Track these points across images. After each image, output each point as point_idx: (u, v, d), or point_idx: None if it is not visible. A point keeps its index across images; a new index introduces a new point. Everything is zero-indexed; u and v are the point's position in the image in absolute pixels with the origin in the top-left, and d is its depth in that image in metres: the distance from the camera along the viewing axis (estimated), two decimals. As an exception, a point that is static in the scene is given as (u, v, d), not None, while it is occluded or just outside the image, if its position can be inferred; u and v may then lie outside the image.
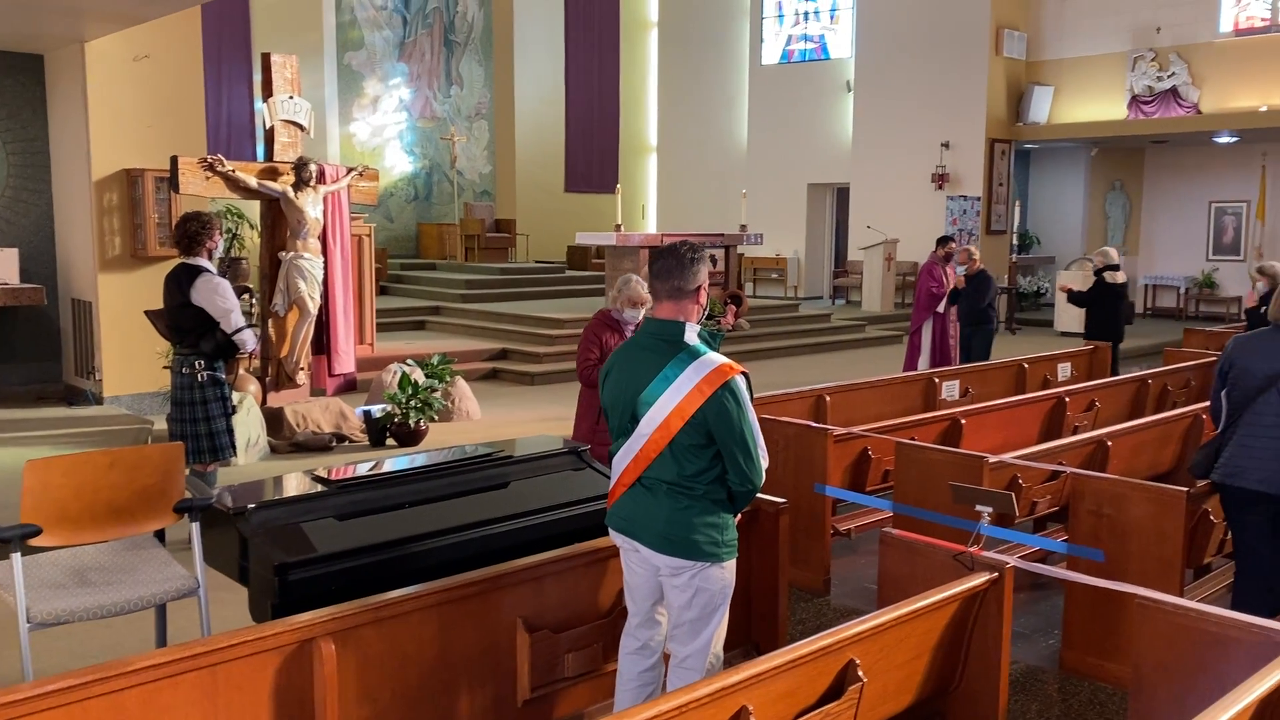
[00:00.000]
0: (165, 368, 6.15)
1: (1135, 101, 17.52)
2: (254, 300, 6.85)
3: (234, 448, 6.19)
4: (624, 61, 22.80)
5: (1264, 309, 8.71)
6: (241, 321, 5.91)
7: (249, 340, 5.98)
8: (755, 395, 3.42)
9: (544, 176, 21.16)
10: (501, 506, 4.18)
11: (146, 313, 7.68)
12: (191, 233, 5.85)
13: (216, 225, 5.96)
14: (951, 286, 10.42)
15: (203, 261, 5.87)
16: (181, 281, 5.83)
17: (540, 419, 9.60)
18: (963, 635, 3.54)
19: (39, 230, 10.28)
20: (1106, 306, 10.43)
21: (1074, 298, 11.00)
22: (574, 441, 4.92)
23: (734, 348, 13.16)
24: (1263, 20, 16.72)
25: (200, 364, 5.89)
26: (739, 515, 3.42)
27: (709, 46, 22.76)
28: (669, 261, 3.30)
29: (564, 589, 3.63)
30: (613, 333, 5.76)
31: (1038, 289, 19.83)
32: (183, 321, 5.88)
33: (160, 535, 4.26)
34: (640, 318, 5.47)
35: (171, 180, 7.95)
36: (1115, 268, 10.50)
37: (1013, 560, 3.62)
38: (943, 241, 10.57)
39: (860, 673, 3.03)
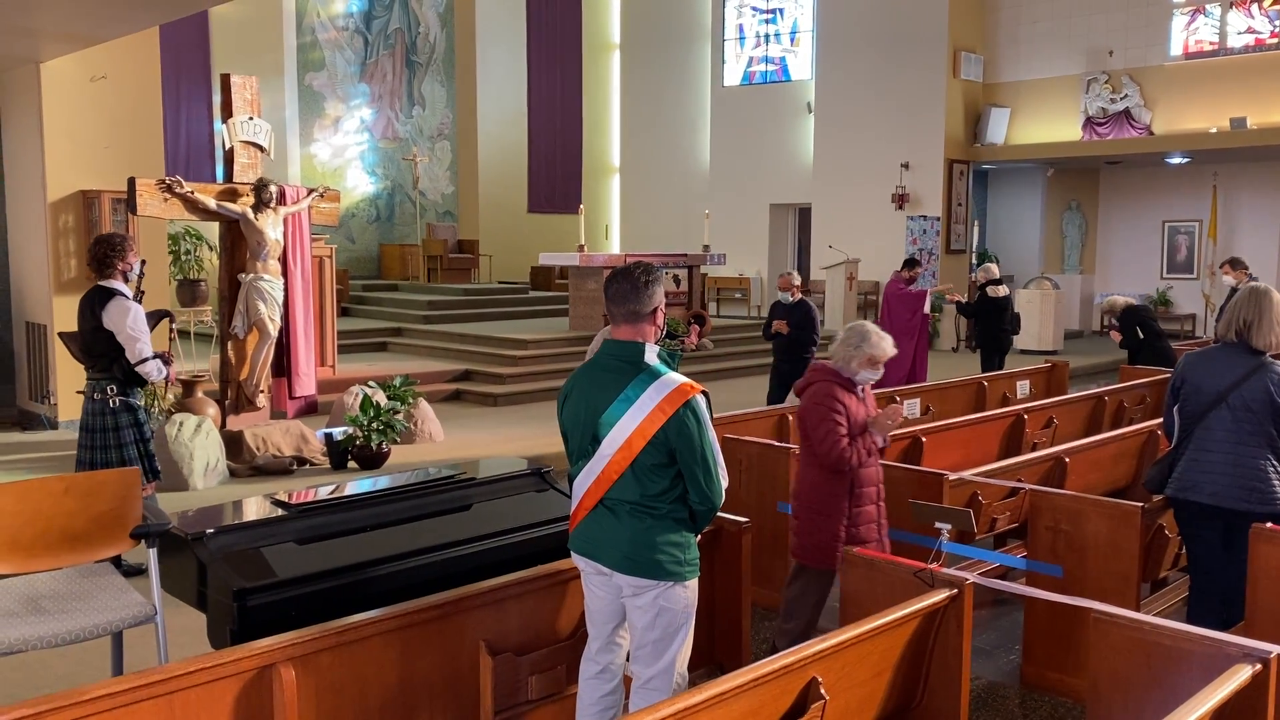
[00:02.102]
0: (79, 392, 5.98)
1: (1090, 123, 17.85)
2: (173, 325, 6.74)
3: (153, 473, 5.96)
4: (586, 82, 22.90)
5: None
6: (148, 351, 5.71)
7: (153, 372, 5.75)
8: (719, 415, 3.45)
9: (507, 197, 21.16)
10: (464, 529, 4.16)
11: (60, 334, 7.53)
12: (100, 255, 5.70)
13: (129, 246, 5.79)
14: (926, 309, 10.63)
15: (117, 284, 5.72)
16: (94, 304, 5.67)
17: (504, 440, 9.57)
18: (924, 652, 3.57)
19: (-8, 252, 10.13)
20: (990, 319, 11.19)
21: (961, 309, 12.03)
22: (822, 556, 4.39)
23: (698, 367, 13.20)
24: (1211, 44, 17.11)
25: (112, 389, 5.72)
26: (700, 534, 3.43)
27: (671, 68, 22.92)
28: (624, 285, 3.32)
29: (527, 611, 3.62)
30: (849, 394, 4.42)
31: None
32: (95, 345, 5.72)
33: (116, 561, 4.20)
34: (878, 377, 4.55)
35: (129, 202, 7.87)
36: (998, 282, 11.24)
37: (973, 577, 3.65)
38: (911, 264, 10.76)
39: (823, 691, 3.05)
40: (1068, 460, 5.95)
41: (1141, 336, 9.81)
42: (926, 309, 10.74)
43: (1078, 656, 4.36)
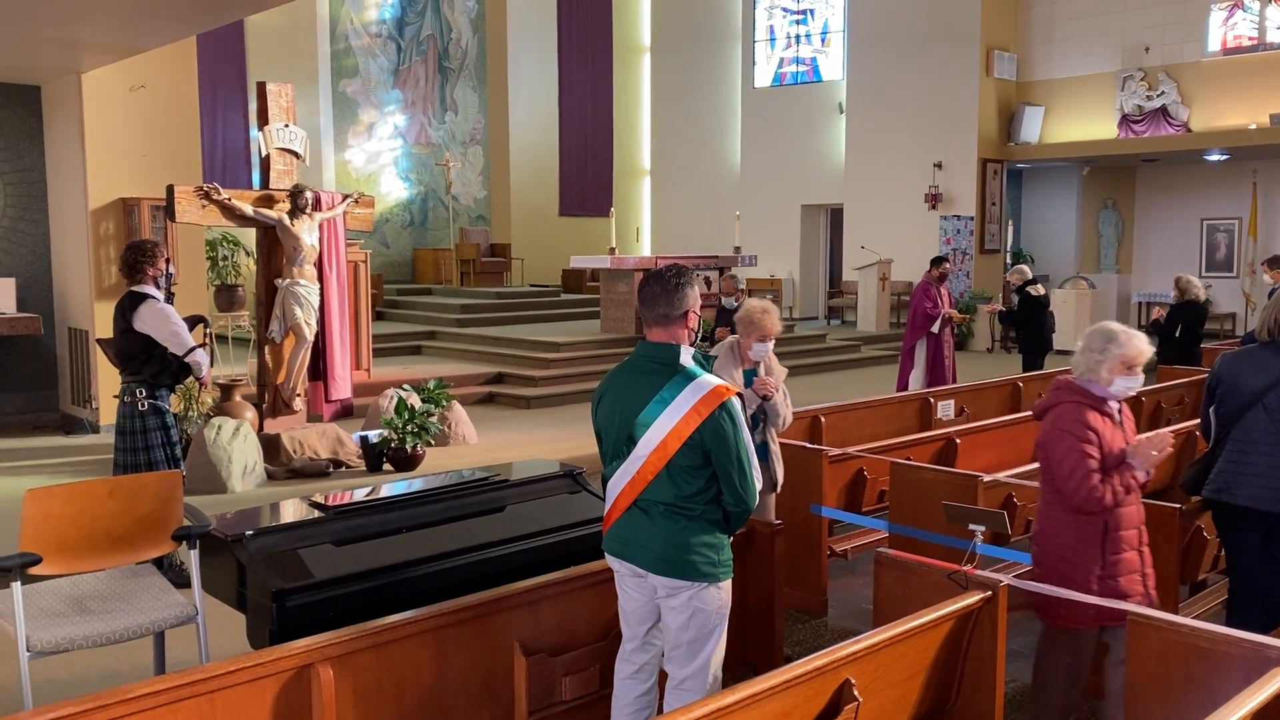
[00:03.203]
0: (115, 396, 6.07)
1: (1125, 121, 17.65)
2: (208, 330, 6.81)
3: None
4: (617, 86, 22.96)
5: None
6: (191, 342, 5.80)
7: (203, 361, 5.86)
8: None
9: (538, 201, 21.26)
10: (498, 530, 4.20)
11: (99, 340, 7.62)
12: (131, 261, 5.80)
13: (159, 252, 5.88)
14: (947, 307, 10.49)
15: (148, 288, 5.81)
16: (125, 308, 5.77)
17: (536, 442, 9.61)
18: (958, 654, 3.55)
19: (36, 260, 10.32)
20: (1036, 320, 10.94)
21: (1006, 317, 11.56)
22: (1071, 613, 3.72)
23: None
24: (1250, 39, 16.87)
25: (141, 392, 5.81)
26: (733, 536, 3.44)
27: (701, 70, 22.92)
28: (655, 288, 3.34)
29: (561, 612, 3.64)
30: (1102, 417, 3.72)
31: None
32: (127, 348, 5.82)
33: (159, 562, 4.27)
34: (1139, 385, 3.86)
35: (168, 209, 7.99)
36: (1034, 282, 11.04)
37: (1007, 579, 3.64)
38: (937, 262, 10.65)
39: (856, 693, 3.05)
40: (1104, 461, 5.89)
41: (1177, 335, 9.72)
42: (935, 329, 10.50)
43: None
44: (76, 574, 3.98)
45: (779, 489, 5.16)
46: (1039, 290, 11.01)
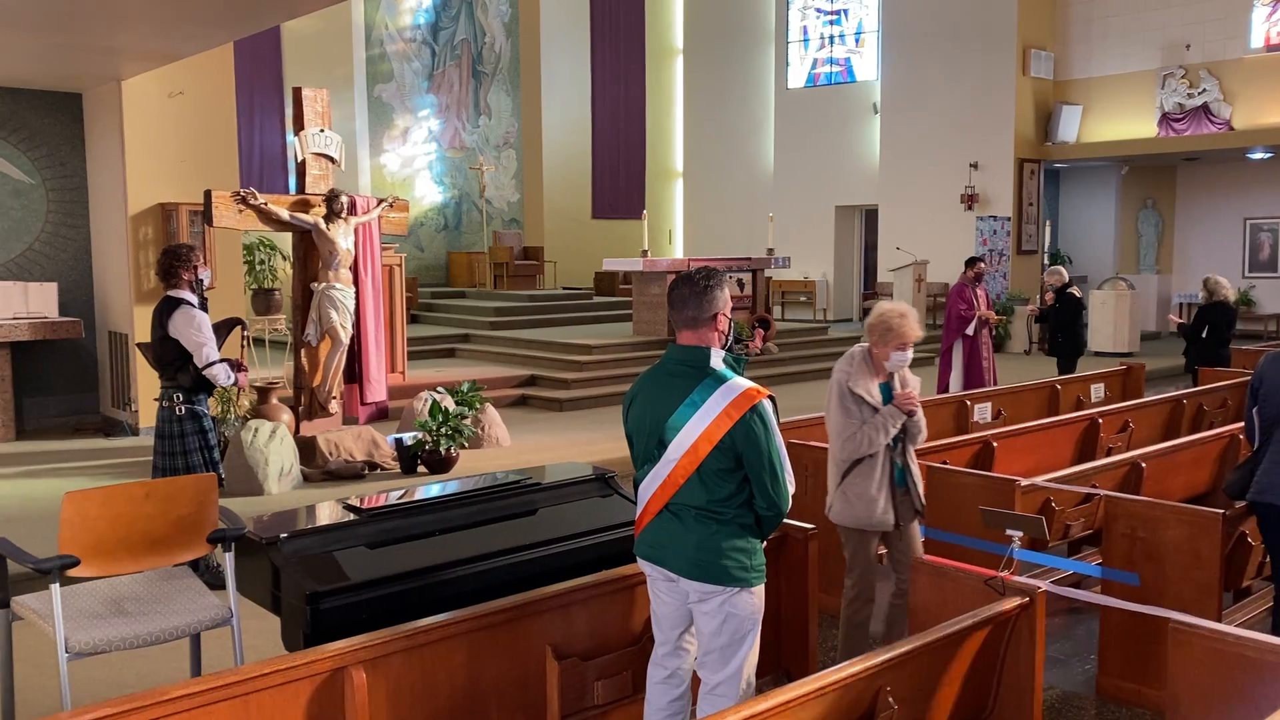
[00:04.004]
0: (154, 400, 6.14)
1: (1166, 119, 17.40)
2: (245, 333, 6.82)
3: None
4: (650, 88, 22.97)
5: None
6: (214, 355, 5.82)
7: (220, 375, 5.86)
8: (783, 420, 3.43)
9: (571, 204, 21.32)
10: (530, 534, 4.20)
11: (138, 344, 7.68)
12: (167, 266, 5.84)
13: (195, 257, 5.92)
14: (981, 309, 10.39)
15: (183, 293, 5.85)
16: (161, 314, 5.81)
17: (569, 444, 9.62)
18: (995, 661, 3.50)
19: (77, 264, 10.48)
20: (1078, 322, 10.84)
21: (1045, 318, 11.31)
22: None
23: (763, 372, 13.14)
24: (1294, 35, 16.59)
25: (179, 397, 5.85)
26: (766, 540, 3.42)
27: (734, 71, 22.88)
28: (684, 291, 3.32)
29: (592, 616, 3.63)
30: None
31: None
32: (163, 354, 5.87)
33: (194, 565, 4.31)
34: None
35: (205, 214, 8.08)
36: (1070, 284, 10.92)
37: (1045, 585, 3.58)
38: (971, 262, 10.55)
39: (891, 700, 3.01)
40: (1144, 465, 5.81)
41: (1204, 335, 9.64)
42: (970, 331, 10.41)
43: (1156, 667, 4.24)
44: (114, 576, 4.03)
45: (923, 514, 4.67)
46: (1077, 292, 10.90)
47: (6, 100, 10.05)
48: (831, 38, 21.53)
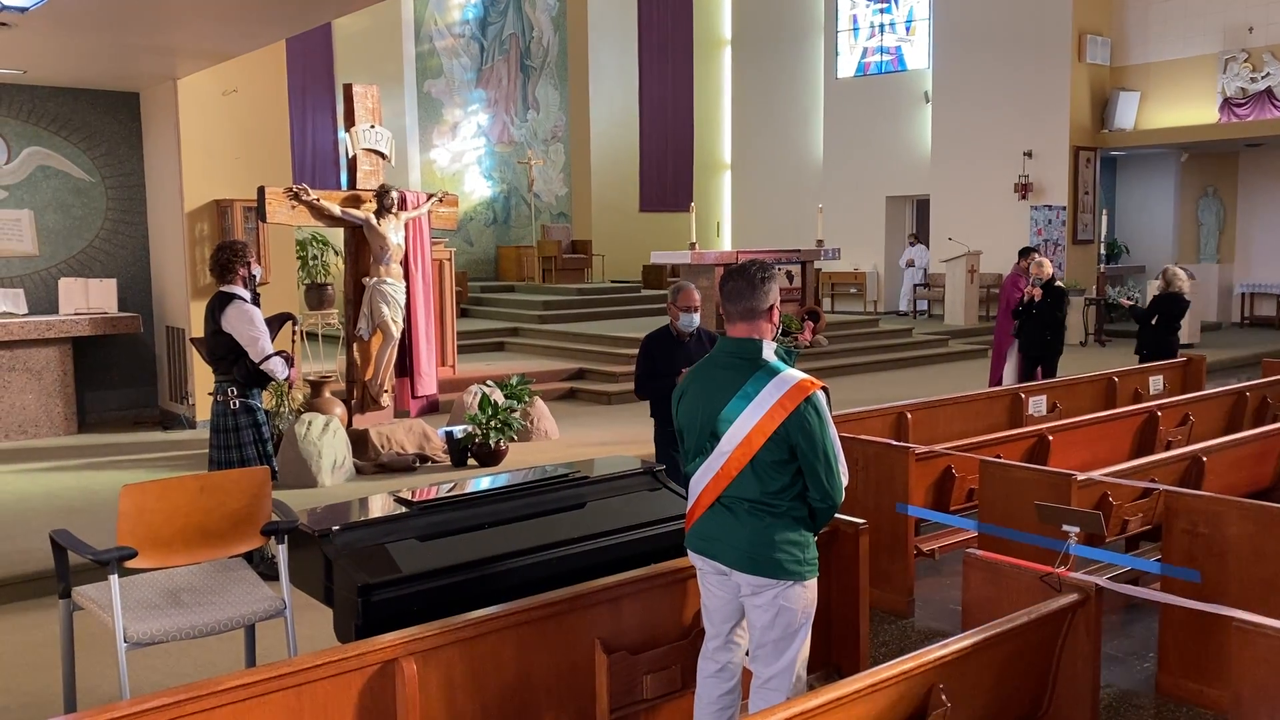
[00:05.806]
0: (209, 394, 6.23)
1: (1227, 104, 16.97)
2: (296, 327, 6.86)
3: (272, 474, 6.16)
4: (697, 79, 22.88)
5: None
6: (269, 349, 5.88)
7: (278, 368, 5.92)
8: (835, 412, 3.39)
9: (619, 197, 21.32)
10: (579, 527, 4.20)
11: (192, 340, 7.78)
12: (223, 261, 5.90)
13: (248, 253, 5.99)
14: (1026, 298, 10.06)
15: (237, 289, 5.92)
16: (215, 309, 5.88)
17: (617, 438, 9.62)
18: (1051, 659, 3.44)
19: (136, 260, 10.69)
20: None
21: (1028, 312, 9.99)
22: None
23: (812, 364, 13.04)
24: (1362, 16, 16.09)
25: (233, 391, 5.92)
26: (818, 534, 3.39)
27: (783, 62, 22.71)
28: (739, 283, 3.30)
29: (642, 610, 3.62)
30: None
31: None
32: (216, 348, 5.95)
33: (248, 557, 4.37)
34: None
35: (259, 210, 8.18)
36: (1054, 277, 10.19)
37: (1102, 581, 3.51)
38: (1025, 253, 10.35)
39: (944, 698, 2.97)
40: (1205, 460, 5.67)
41: (1154, 322, 9.70)
42: (1031, 292, 9.77)
43: (1218, 666, 4.14)
44: (171, 567, 4.10)
45: None
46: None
47: (67, 101, 10.27)
48: (882, 26, 21.29)
